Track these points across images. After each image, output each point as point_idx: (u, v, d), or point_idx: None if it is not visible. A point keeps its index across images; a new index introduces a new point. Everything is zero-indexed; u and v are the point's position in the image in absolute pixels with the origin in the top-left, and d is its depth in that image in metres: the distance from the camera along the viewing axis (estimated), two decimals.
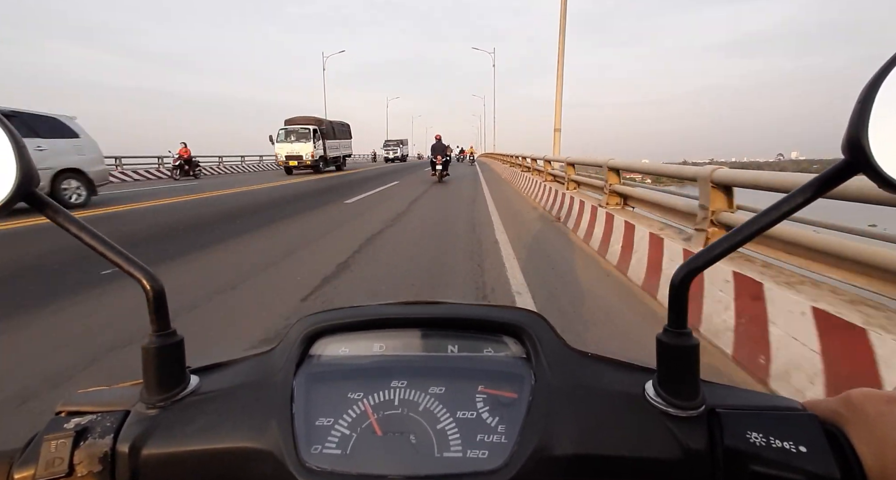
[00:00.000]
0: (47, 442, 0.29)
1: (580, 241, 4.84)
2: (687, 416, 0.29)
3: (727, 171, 2.72)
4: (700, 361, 0.30)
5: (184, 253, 4.19)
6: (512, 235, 5.08)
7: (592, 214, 4.87)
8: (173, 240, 4.85)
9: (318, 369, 0.35)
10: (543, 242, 4.89)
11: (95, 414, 0.32)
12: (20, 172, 0.28)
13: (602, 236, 4.34)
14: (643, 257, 3.32)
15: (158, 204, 8.10)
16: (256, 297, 3.01)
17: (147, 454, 0.30)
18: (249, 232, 5.31)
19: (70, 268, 3.66)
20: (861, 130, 0.22)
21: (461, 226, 5.74)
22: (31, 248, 4.43)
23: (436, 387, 0.33)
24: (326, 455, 0.30)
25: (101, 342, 2.31)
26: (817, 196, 0.26)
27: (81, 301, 2.92)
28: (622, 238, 3.86)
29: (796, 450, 0.26)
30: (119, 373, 2.03)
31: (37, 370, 2.03)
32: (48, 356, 2.16)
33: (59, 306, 2.83)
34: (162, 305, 0.33)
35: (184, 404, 0.33)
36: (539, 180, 8.98)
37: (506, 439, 0.30)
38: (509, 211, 7.20)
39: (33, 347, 2.28)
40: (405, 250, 4.39)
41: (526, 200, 8.85)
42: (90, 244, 0.31)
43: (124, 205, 7.88)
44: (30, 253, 4.23)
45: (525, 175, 11.42)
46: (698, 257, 0.29)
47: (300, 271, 3.59)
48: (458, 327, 0.37)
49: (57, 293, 3.06)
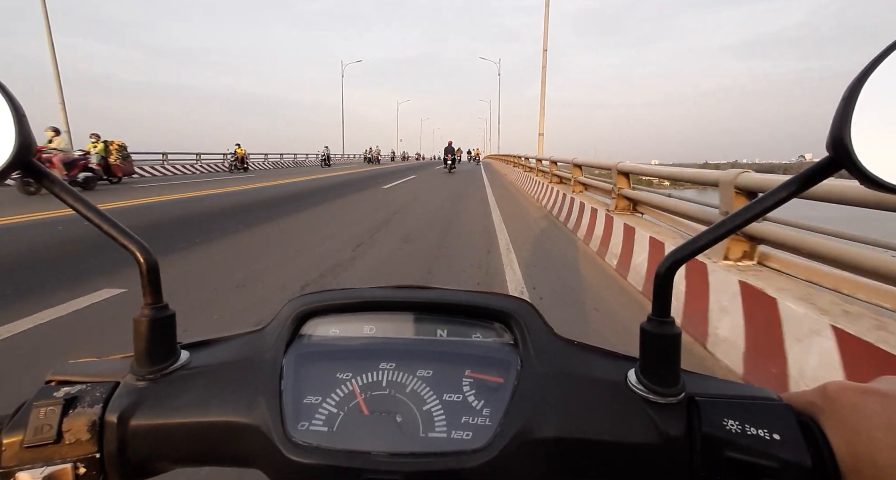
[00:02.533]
0: (36, 409, 0.30)
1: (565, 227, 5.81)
2: (666, 403, 0.30)
3: (753, 175, 2.48)
4: (681, 350, 0.31)
5: (298, 210, 7.37)
6: (497, 191, 11.01)
7: (593, 215, 4.64)
8: (290, 203, 8.27)
9: (307, 348, 0.35)
10: (511, 182, 11.61)
11: (85, 384, 0.32)
12: (18, 140, 0.28)
13: (602, 235, 4.11)
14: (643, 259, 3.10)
15: (250, 187, 11.72)
16: (356, 219, 6.48)
17: (135, 424, 0.31)
18: (329, 201, 8.72)
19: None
20: (844, 127, 0.23)
21: (467, 186, 12.87)
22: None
23: (423, 370, 0.34)
24: (313, 431, 0.30)
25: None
26: (801, 191, 0.26)
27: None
28: (622, 240, 3.62)
29: (770, 438, 0.27)
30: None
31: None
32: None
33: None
34: (155, 278, 0.34)
35: (173, 377, 0.33)
36: (538, 179, 8.77)
37: (490, 421, 0.31)
38: (500, 189, 11.82)
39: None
40: (438, 188, 11.62)
41: (516, 186, 12.75)
42: (85, 215, 0.32)
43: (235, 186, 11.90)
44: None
45: (522, 172, 13.14)
46: (683, 249, 0.30)
47: (392, 200, 8.62)
48: (447, 312, 0.37)
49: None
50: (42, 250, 4.21)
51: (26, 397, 0.32)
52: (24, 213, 6.31)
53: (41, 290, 3.03)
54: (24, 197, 8.59)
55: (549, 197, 7.60)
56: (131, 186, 11.95)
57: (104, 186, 11.29)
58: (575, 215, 5.63)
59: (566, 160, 7.46)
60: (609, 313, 2.84)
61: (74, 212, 0.32)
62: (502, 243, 4.72)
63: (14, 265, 3.71)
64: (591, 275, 3.60)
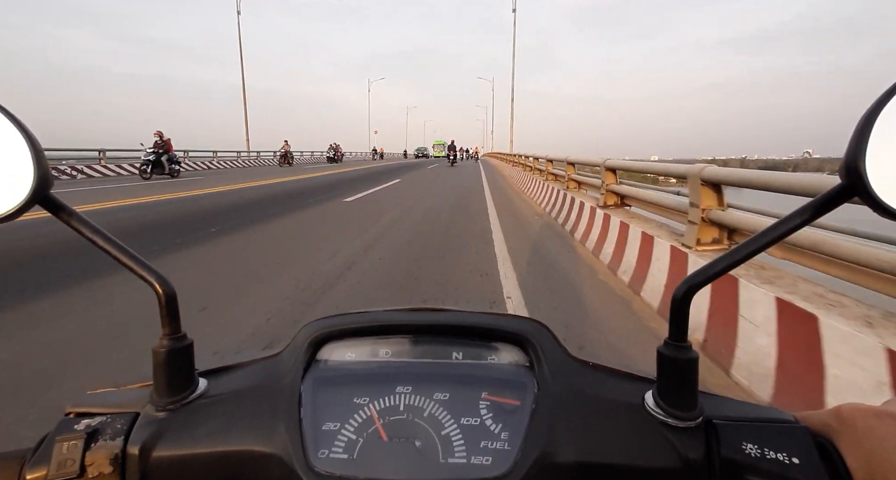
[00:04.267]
0: (59, 443, 0.30)
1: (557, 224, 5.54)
2: (685, 426, 0.30)
3: (716, 169, 2.76)
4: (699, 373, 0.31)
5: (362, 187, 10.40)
6: (488, 177, 15.10)
7: (581, 209, 4.91)
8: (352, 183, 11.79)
9: (325, 373, 0.36)
10: (499, 171, 15.04)
11: (105, 416, 0.32)
12: (37, 176, 0.28)
13: (599, 236, 4.38)
14: (628, 248, 3.36)
15: (326, 173, 15.97)
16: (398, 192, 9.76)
17: (157, 456, 0.31)
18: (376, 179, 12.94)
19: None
20: (859, 156, 0.23)
21: (466, 174, 16.89)
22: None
23: (440, 393, 0.34)
24: (334, 459, 0.30)
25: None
26: (815, 218, 0.27)
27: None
28: (617, 234, 3.90)
29: (789, 462, 0.27)
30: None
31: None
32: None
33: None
34: (173, 308, 0.34)
35: (193, 407, 0.34)
36: (539, 178, 9.05)
37: (509, 446, 0.30)
38: (491, 176, 16.24)
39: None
40: (443, 175, 16.85)
41: (508, 176, 15.44)
42: (104, 248, 0.32)
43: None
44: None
45: (521, 170, 13.82)
46: (699, 274, 0.30)
47: (422, 177, 15.37)
48: (462, 334, 0.37)
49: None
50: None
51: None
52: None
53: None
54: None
55: (544, 194, 7.88)
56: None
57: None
58: (565, 211, 5.90)
59: (560, 159, 7.73)
60: (564, 269, 3.42)
61: (93, 244, 0.32)
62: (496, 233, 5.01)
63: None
64: (561, 249, 3.87)
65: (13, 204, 0.28)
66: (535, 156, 10.99)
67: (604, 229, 4.23)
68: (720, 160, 71.30)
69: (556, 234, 5.33)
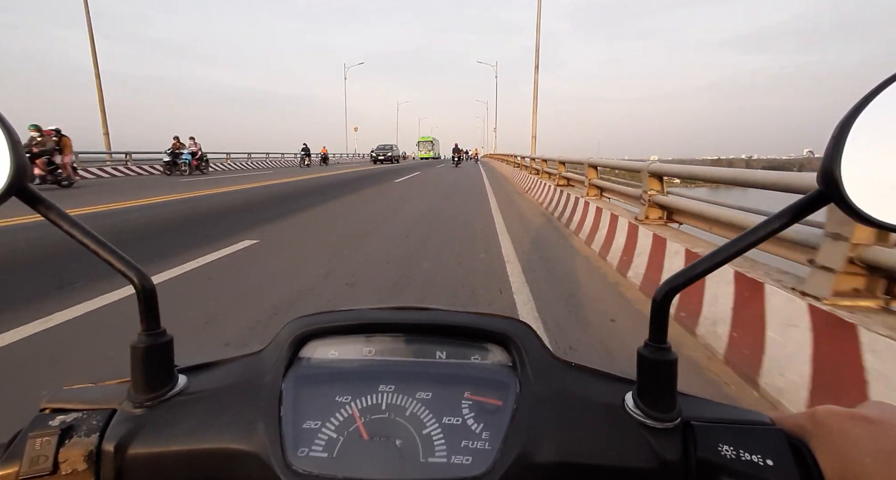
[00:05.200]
0: (32, 440, 0.29)
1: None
2: (663, 427, 0.31)
3: (659, 164, 3.84)
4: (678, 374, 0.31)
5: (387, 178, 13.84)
6: (488, 174, 18.78)
7: (570, 201, 5.99)
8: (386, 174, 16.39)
9: (306, 371, 0.36)
10: (497, 169, 20.31)
11: (81, 412, 0.32)
12: (13, 167, 0.28)
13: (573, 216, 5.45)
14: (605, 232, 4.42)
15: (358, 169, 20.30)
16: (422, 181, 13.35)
17: (133, 453, 0.31)
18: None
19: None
20: (834, 163, 0.24)
21: (468, 173, 19.24)
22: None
23: (423, 393, 0.34)
24: (313, 457, 0.30)
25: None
26: (793, 222, 0.27)
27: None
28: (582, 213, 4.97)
29: (763, 463, 0.27)
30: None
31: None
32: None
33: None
34: (152, 304, 0.34)
35: (171, 403, 0.33)
36: (533, 176, 10.11)
37: (489, 445, 0.31)
38: (490, 172, 20.36)
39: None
40: (448, 173, 19.71)
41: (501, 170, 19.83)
42: (82, 241, 0.31)
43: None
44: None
45: (519, 170, 14.18)
46: (679, 276, 0.30)
47: (436, 171, 20.92)
48: (446, 333, 0.38)
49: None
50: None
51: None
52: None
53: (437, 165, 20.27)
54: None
55: (538, 190, 8.95)
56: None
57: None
58: (555, 201, 6.97)
59: (553, 158, 8.83)
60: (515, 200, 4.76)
61: (71, 237, 0.31)
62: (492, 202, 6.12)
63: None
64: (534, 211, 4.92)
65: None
66: (543, 157, 10.26)
67: (583, 213, 5.31)
68: (725, 160, 70.86)
69: (537, 210, 6.41)
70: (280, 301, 2.79)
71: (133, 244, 4.33)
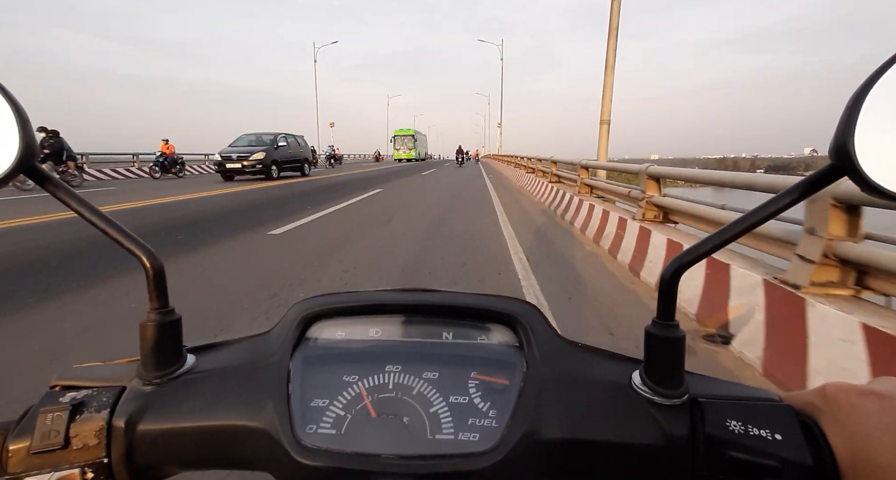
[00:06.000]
0: (43, 415, 0.30)
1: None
2: (670, 404, 0.31)
3: (657, 167, 4.11)
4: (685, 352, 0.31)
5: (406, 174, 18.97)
6: (487, 170, 23.23)
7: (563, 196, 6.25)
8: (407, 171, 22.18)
9: (314, 351, 0.36)
10: (492, 167, 26.47)
11: (91, 389, 0.33)
12: (22, 145, 0.28)
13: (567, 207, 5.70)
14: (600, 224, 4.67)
15: (369, 170, 23.48)
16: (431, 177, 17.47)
17: (142, 429, 0.31)
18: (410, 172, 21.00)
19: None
20: (848, 135, 0.24)
21: (470, 172, 22.49)
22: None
23: (430, 372, 0.34)
24: (321, 434, 0.31)
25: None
26: (804, 197, 0.27)
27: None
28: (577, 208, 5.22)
29: (772, 438, 0.27)
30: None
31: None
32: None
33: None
34: (161, 282, 0.34)
35: (180, 381, 0.34)
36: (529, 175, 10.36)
37: (496, 423, 0.31)
38: (488, 167, 26.51)
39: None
40: (453, 171, 23.29)
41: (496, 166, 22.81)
42: (90, 220, 0.32)
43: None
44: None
45: (517, 170, 13.88)
46: (688, 253, 0.30)
47: (444, 171, 24.00)
48: (452, 314, 0.38)
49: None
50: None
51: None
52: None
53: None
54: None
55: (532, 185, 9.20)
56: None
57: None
58: (552, 196, 7.22)
59: (546, 158, 9.09)
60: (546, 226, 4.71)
61: (80, 216, 0.32)
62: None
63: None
64: (521, 197, 5.20)
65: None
66: (539, 157, 10.85)
67: (586, 210, 5.57)
68: (730, 159, 70.71)
69: (533, 203, 6.70)
70: (399, 205, 7.98)
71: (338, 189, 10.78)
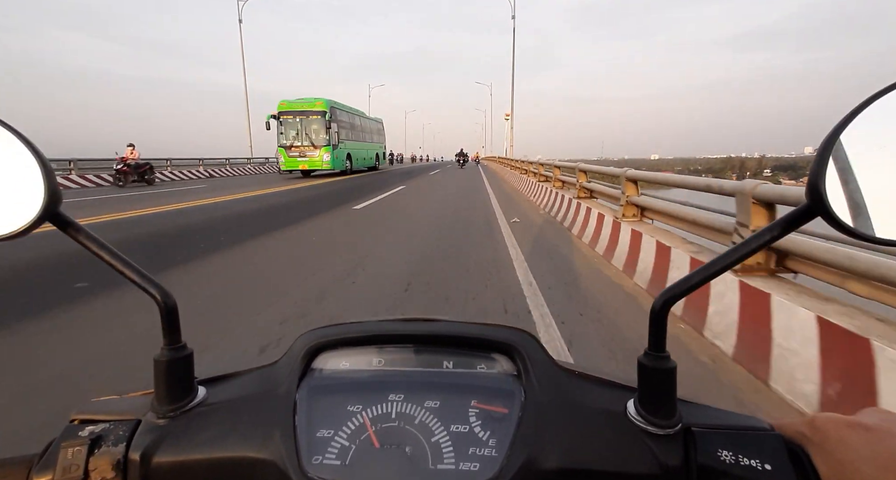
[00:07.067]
0: (64, 449, 0.31)
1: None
2: (664, 434, 0.32)
3: (634, 171, 4.75)
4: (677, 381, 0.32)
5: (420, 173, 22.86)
6: (486, 173, 23.69)
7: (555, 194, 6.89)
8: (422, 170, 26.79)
9: (319, 382, 0.37)
10: (492, 170, 26.14)
11: (108, 423, 0.34)
12: (47, 193, 0.29)
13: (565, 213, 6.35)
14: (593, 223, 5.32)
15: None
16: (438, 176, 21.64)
17: (157, 462, 0.33)
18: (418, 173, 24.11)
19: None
20: (819, 177, 0.25)
21: (470, 172, 24.82)
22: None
23: (431, 401, 0.35)
24: (327, 465, 0.32)
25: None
26: (784, 234, 0.29)
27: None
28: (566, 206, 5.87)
29: (762, 468, 0.28)
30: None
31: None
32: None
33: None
34: (174, 319, 0.36)
35: (192, 414, 0.35)
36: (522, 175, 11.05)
37: (496, 452, 0.32)
38: (487, 169, 28.31)
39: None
40: (454, 172, 25.37)
41: (494, 166, 24.85)
42: (108, 261, 0.33)
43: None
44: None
45: (519, 173, 14.97)
46: (677, 286, 0.31)
47: (449, 172, 26.14)
48: (453, 344, 0.39)
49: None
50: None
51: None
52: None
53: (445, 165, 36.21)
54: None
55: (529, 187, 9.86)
56: None
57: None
58: (549, 198, 7.86)
59: (547, 162, 9.75)
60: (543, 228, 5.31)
61: (98, 258, 0.33)
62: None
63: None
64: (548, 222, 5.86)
65: (24, 221, 0.30)
66: (540, 161, 11.15)
67: (586, 215, 6.21)
68: (737, 159, 69.20)
69: (529, 202, 7.39)
70: (420, 197, 10.75)
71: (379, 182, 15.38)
